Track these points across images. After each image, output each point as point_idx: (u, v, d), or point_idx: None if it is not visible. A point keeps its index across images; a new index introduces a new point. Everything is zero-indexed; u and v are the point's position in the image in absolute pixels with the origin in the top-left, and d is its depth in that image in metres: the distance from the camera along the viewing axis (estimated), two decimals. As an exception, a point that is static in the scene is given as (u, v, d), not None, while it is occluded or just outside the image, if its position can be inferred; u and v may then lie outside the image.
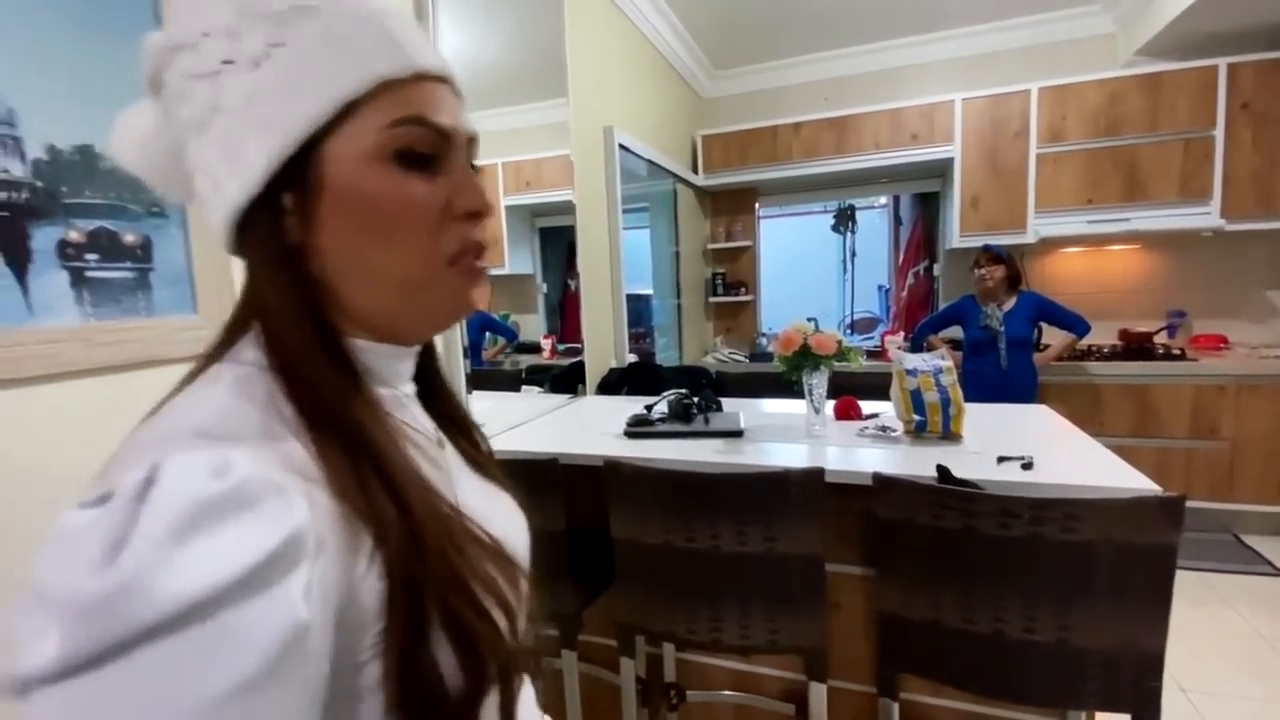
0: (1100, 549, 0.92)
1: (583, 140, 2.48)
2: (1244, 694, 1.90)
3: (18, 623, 0.28)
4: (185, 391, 0.37)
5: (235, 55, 0.35)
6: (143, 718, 0.26)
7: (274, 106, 0.35)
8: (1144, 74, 3.08)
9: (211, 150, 0.37)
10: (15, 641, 0.28)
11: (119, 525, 0.28)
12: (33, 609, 0.28)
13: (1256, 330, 3.30)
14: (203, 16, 0.36)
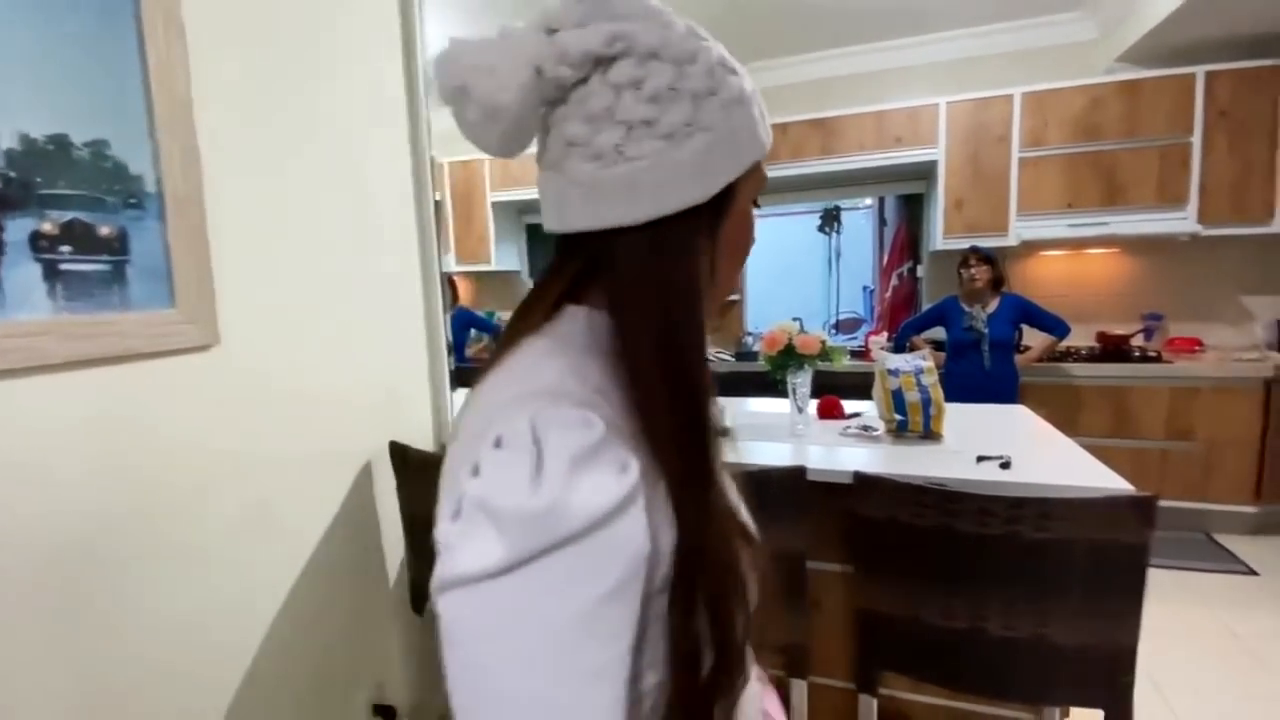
0: (1074, 547, 0.94)
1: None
2: (1217, 690, 1.94)
3: (460, 531, 0.36)
4: (521, 360, 0.45)
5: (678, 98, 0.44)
6: (552, 607, 0.34)
7: (658, 187, 0.43)
8: (1124, 81, 3.13)
9: (643, 169, 0.43)
10: (456, 546, 0.36)
11: (532, 460, 0.36)
12: (478, 522, 0.36)
13: (1231, 334, 3.38)
14: (649, 67, 0.43)
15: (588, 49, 0.42)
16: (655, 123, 0.43)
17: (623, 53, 0.43)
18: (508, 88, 0.42)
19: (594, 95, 0.43)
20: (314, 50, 1.26)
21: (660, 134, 0.43)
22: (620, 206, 0.43)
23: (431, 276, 1.58)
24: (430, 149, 1.57)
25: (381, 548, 1.47)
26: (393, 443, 1.41)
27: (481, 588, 0.35)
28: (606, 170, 0.43)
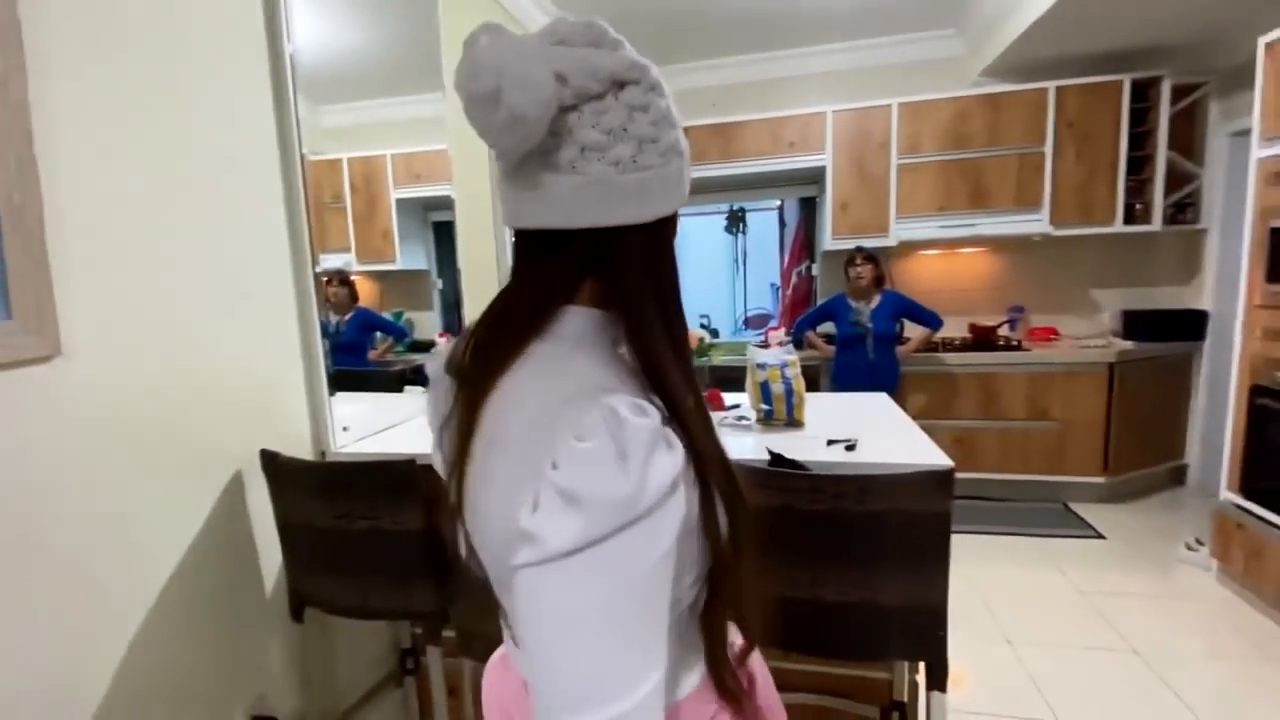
0: (890, 518, 1.05)
1: (463, 136, 2.47)
2: (1062, 643, 2.18)
3: (546, 518, 0.43)
4: (552, 363, 0.52)
5: (651, 141, 0.52)
6: (628, 570, 0.42)
7: (662, 194, 0.53)
8: (986, 94, 3.44)
9: (651, 177, 0.52)
10: (543, 531, 0.42)
11: (616, 448, 0.43)
12: (565, 509, 0.42)
13: (1082, 323, 3.77)
14: (643, 102, 0.51)
15: (614, 71, 0.50)
16: (657, 141, 0.52)
17: (635, 80, 0.51)
18: (539, 101, 0.46)
19: (610, 111, 0.50)
20: (168, 48, 1.22)
21: (660, 151, 0.52)
22: (632, 207, 0.51)
23: (305, 278, 1.55)
24: (301, 146, 1.54)
25: (257, 557, 1.44)
26: (263, 450, 1.38)
27: (570, 562, 0.42)
28: (622, 175, 0.50)
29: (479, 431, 0.52)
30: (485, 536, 0.53)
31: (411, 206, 4.27)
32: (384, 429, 1.85)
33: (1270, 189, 2.22)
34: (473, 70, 0.48)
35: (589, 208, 0.51)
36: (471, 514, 0.54)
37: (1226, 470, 2.44)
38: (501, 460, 0.50)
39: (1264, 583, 2.22)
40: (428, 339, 2.74)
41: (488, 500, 0.51)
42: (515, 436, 0.50)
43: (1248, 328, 2.34)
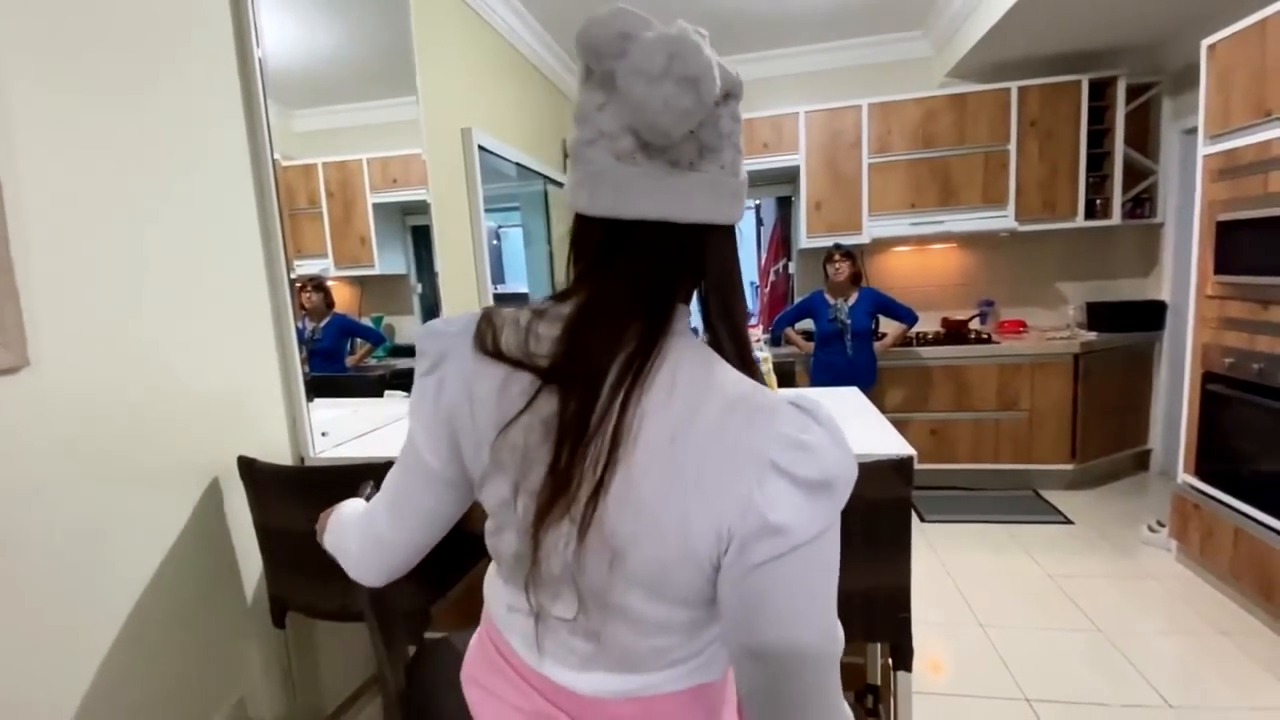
0: (853, 505, 1.10)
1: (438, 140, 2.49)
2: (1032, 625, 2.25)
3: (789, 514, 0.48)
4: (700, 364, 0.55)
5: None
6: (839, 534, 0.54)
7: (744, 199, 0.59)
8: (953, 94, 3.53)
9: (740, 183, 0.57)
10: (785, 524, 0.48)
11: (830, 434, 0.51)
12: (809, 498, 0.49)
13: (1048, 316, 3.88)
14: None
15: (728, 82, 0.54)
16: (742, 153, 0.57)
17: (738, 95, 0.56)
18: (712, 92, 0.51)
19: (723, 119, 0.55)
20: (132, 53, 1.22)
21: (742, 162, 0.57)
22: (733, 208, 0.57)
23: (280, 284, 1.56)
24: (273, 151, 1.55)
25: (237, 564, 1.45)
26: (241, 457, 1.39)
27: (821, 541, 0.51)
28: (727, 179, 0.55)
29: (630, 435, 0.50)
30: (659, 537, 0.51)
31: (389, 211, 4.26)
32: (363, 434, 1.87)
33: (1216, 184, 2.32)
34: (687, 58, 0.50)
35: (699, 205, 0.54)
36: (627, 516, 0.51)
37: (1183, 454, 2.54)
38: (692, 463, 0.50)
39: (1217, 560, 2.31)
40: (408, 343, 2.74)
41: (668, 503, 0.50)
42: (703, 440, 0.50)
43: (1199, 317, 2.44)
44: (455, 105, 2.62)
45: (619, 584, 0.53)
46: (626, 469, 0.51)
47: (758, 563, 0.49)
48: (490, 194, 3.57)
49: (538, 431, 0.53)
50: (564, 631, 0.58)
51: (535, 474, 0.53)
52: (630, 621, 0.55)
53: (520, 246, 4.04)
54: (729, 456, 0.50)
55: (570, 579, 0.55)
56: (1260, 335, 2.11)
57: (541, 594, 0.57)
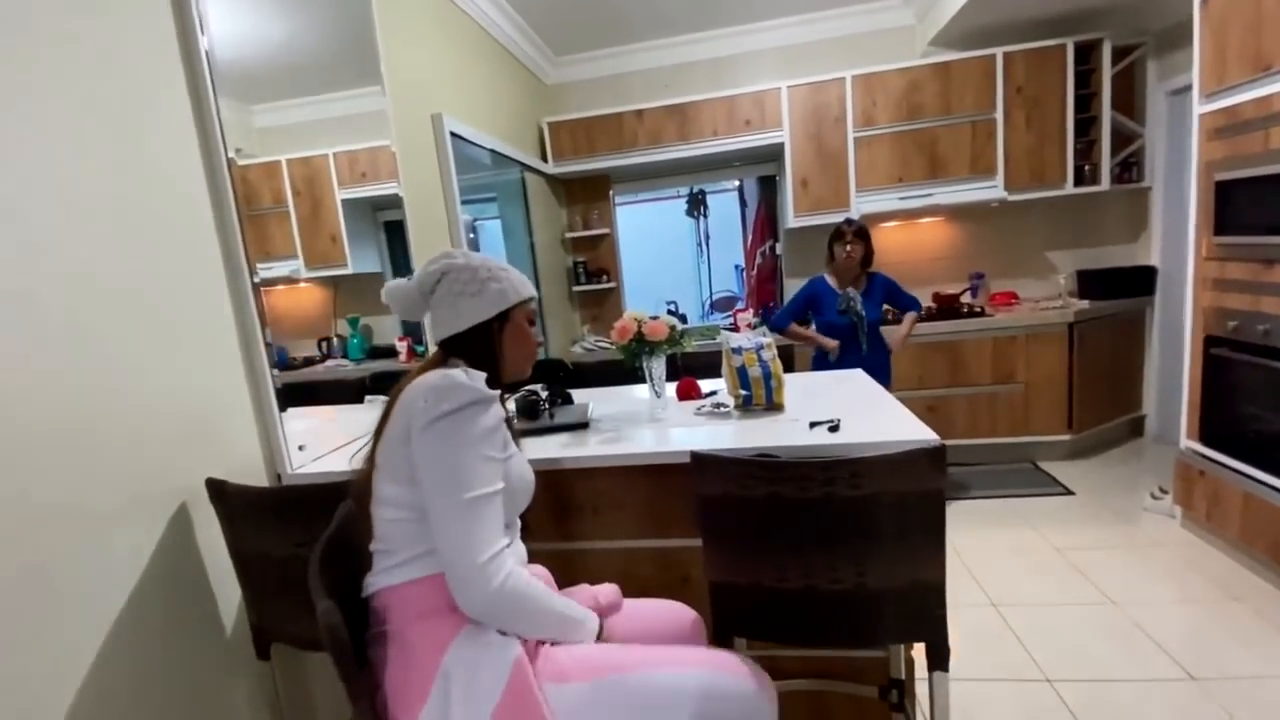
0: (883, 499, 1.02)
1: (407, 129, 2.35)
2: (1045, 602, 2.21)
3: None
4: (447, 369, 1.02)
5: (471, 291, 1.09)
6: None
7: (488, 303, 1.10)
8: (937, 63, 3.44)
9: (454, 311, 1.10)
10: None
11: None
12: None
13: (1040, 286, 3.85)
14: (461, 275, 1.11)
15: (433, 276, 1.10)
16: (467, 288, 1.09)
17: (445, 272, 1.10)
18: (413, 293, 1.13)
19: (440, 286, 1.10)
20: (68, 47, 1.09)
21: (470, 294, 1.08)
22: (470, 318, 1.09)
23: (242, 289, 1.44)
24: (227, 149, 1.42)
25: (213, 596, 1.33)
26: (209, 479, 1.27)
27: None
28: (459, 306, 1.08)
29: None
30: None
31: (359, 207, 4.09)
32: (344, 444, 1.75)
33: (1212, 143, 2.26)
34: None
35: (460, 322, 1.09)
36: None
37: (1185, 419, 2.51)
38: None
39: (1226, 526, 2.29)
40: (387, 343, 2.62)
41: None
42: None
43: (1199, 280, 2.40)
44: (424, 92, 2.48)
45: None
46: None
47: None
48: (465, 184, 3.43)
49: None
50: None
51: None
52: None
53: (499, 238, 3.89)
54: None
55: None
56: (1265, 296, 2.07)
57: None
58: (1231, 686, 1.71)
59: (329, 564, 0.97)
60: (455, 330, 1.07)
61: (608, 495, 1.50)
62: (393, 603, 0.98)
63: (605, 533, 1.52)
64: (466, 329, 1.07)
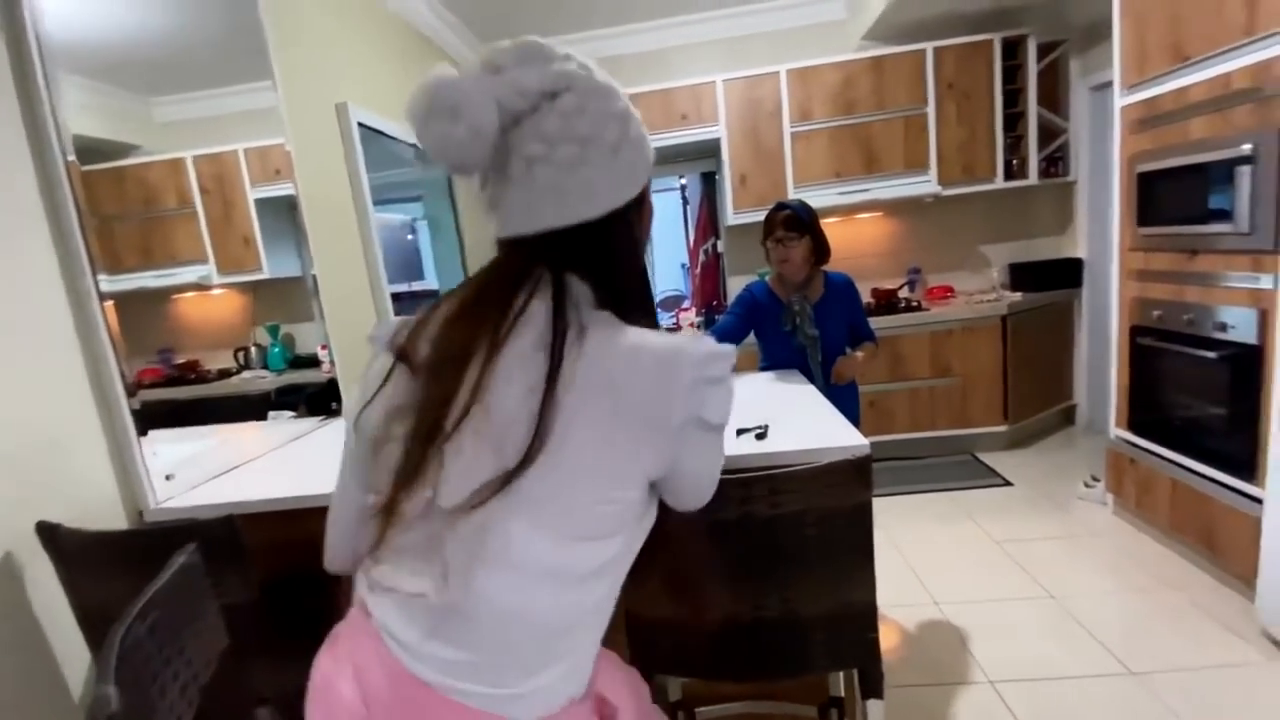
0: (806, 517, 0.92)
1: (307, 122, 2.16)
2: (986, 598, 2.18)
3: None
4: (614, 327, 0.61)
5: (609, 139, 0.62)
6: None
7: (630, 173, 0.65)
8: (870, 57, 3.43)
9: (571, 174, 0.60)
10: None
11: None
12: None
13: (974, 279, 3.89)
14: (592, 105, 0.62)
15: (542, 86, 0.59)
16: (592, 143, 0.60)
17: (566, 88, 0.60)
18: (490, 114, 0.57)
19: (545, 119, 0.59)
20: None
21: (609, 148, 0.61)
22: (583, 206, 0.61)
23: (85, 300, 1.24)
24: (65, 149, 1.22)
25: (55, 661, 1.14)
26: (40, 524, 1.08)
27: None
28: (563, 178, 0.59)
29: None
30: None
31: (275, 207, 3.81)
32: (231, 468, 1.56)
33: (1134, 136, 2.29)
34: (437, 94, 0.56)
35: (546, 213, 0.61)
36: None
37: (1114, 409, 2.54)
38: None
39: (1156, 513, 2.32)
40: (309, 353, 2.41)
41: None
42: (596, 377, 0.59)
43: (1124, 271, 2.43)
44: (326, 82, 2.29)
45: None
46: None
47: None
48: (386, 182, 3.21)
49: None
50: None
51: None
52: None
53: (426, 239, 3.69)
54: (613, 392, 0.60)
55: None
56: (1188, 286, 2.09)
57: None
58: (1170, 679, 1.71)
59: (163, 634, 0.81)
60: (579, 218, 0.61)
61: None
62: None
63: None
64: (598, 218, 0.62)
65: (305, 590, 1.35)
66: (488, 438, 0.56)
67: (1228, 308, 1.94)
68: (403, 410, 0.60)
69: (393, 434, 0.60)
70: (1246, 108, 1.80)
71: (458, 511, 0.55)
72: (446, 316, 0.62)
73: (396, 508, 0.58)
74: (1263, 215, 1.77)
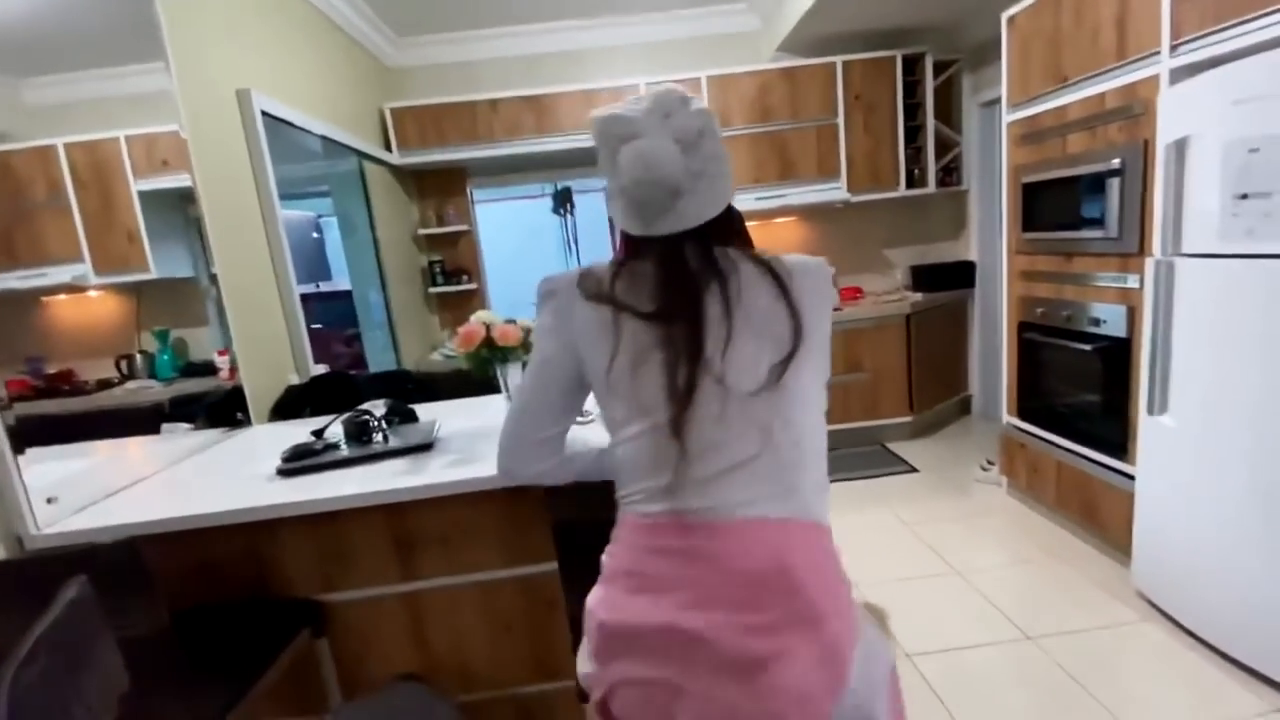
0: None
1: (204, 109, 1.99)
2: (899, 577, 2.33)
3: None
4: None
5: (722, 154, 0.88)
6: None
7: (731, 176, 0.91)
8: (784, 68, 3.58)
9: (712, 184, 0.86)
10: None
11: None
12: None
13: (880, 280, 4.15)
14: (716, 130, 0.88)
15: (699, 125, 0.84)
16: (726, 160, 0.88)
17: (707, 130, 0.85)
18: (674, 166, 0.82)
19: (702, 148, 0.84)
20: None
21: (729, 166, 0.89)
22: (717, 203, 0.87)
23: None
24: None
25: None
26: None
27: None
28: (724, 182, 0.88)
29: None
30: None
31: (163, 200, 3.48)
32: (122, 488, 1.41)
33: (1019, 149, 2.52)
34: (647, 159, 0.82)
35: (718, 202, 0.87)
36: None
37: (1006, 398, 2.79)
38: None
39: (1044, 492, 2.57)
40: (204, 359, 2.22)
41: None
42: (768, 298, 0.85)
43: (1012, 272, 2.67)
44: (226, 66, 2.11)
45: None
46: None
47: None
48: (291, 175, 3.01)
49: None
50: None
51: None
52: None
53: (336, 234, 3.49)
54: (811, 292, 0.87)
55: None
56: (1067, 285, 2.33)
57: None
58: (1061, 641, 1.89)
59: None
60: (714, 212, 0.86)
61: (458, 524, 1.32)
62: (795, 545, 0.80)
63: (458, 566, 1.34)
64: (722, 212, 0.88)
65: (222, 616, 1.24)
66: (758, 336, 0.81)
67: (1100, 305, 2.17)
68: (648, 346, 0.81)
69: (646, 364, 0.81)
70: (1116, 125, 2.02)
71: (759, 391, 0.80)
72: (658, 279, 0.83)
73: (685, 412, 0.78)
74: (1129, 222, 2.00)
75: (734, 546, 0.77)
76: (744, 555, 0.77)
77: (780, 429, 0.80)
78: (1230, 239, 1.61)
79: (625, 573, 0.83)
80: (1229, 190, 1.60)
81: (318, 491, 1.21)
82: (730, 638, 0.74)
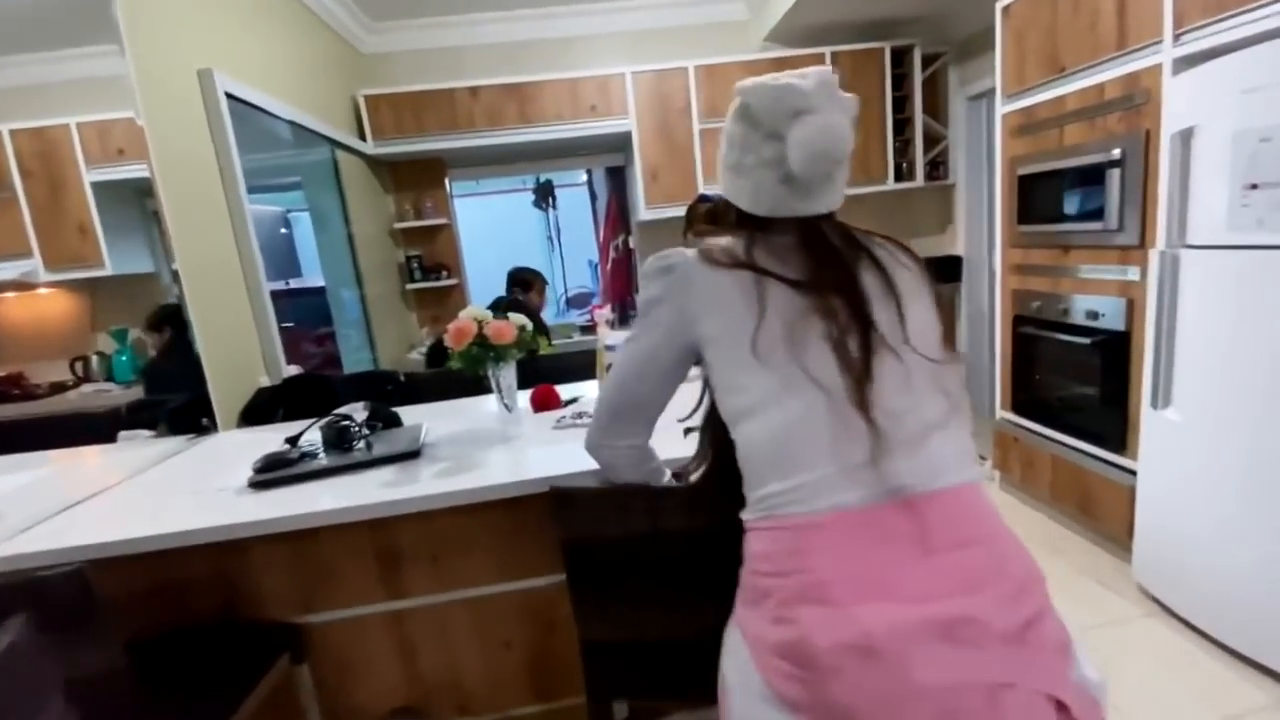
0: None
1: (163, 92, 1.85)
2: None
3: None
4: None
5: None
6: None
7: None
8: (773, 58, 3.51)
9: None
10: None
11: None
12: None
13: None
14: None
15: (855, 110, 0.90)
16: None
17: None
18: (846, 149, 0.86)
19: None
20: None
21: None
22: (839, 198, 0.94)
23: None
24: None
25: None
26: None
27: None
28: (841, 185, 0.93)
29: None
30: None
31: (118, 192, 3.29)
32: (75, 503, 1.28)
33: (1014, 140, 2.48)
34: (829, 133, 0.82)
35: (823, 206, 0.90)
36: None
37: (999, 392, 2.76)
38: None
39: (1039, 486, 2.55)
40: (166, 360, 2.08)
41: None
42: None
43: (1006, 265, 2.64)
44: (186, 46, 1.98)
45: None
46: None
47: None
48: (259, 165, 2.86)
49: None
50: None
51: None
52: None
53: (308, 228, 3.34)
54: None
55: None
56: (1064, 278, 2.30)
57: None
58: (1063, 639, 1.85)
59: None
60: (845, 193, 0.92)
61: (449, 538, 1.22)
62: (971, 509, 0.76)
63: (450, 582, 1.25)
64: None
65: (191, 645, 1.13)
66: (922, 306, 0.84)
67: (1099, 298, 2.14)
68: (802, 313, 0.78)
69: (805, 334, 0.77)
70: (1116, 115, 1.99)
71: (936, 358, 0.80)
72: (807, 250, 0.83)
73: (865, 385, 0.74)
74: (1130, 213, 1.97)
75: (958, 515, 0.73)
76: (971, 523, 0.73)
77: (957, 392, 0.81)
78: (1239, 230, 1.58)
79: (839, 580, 0.70)
80: (1238, 180, 1.57)
81: (294, 506, 1.11)
82: (1001, 612, 0.69)
